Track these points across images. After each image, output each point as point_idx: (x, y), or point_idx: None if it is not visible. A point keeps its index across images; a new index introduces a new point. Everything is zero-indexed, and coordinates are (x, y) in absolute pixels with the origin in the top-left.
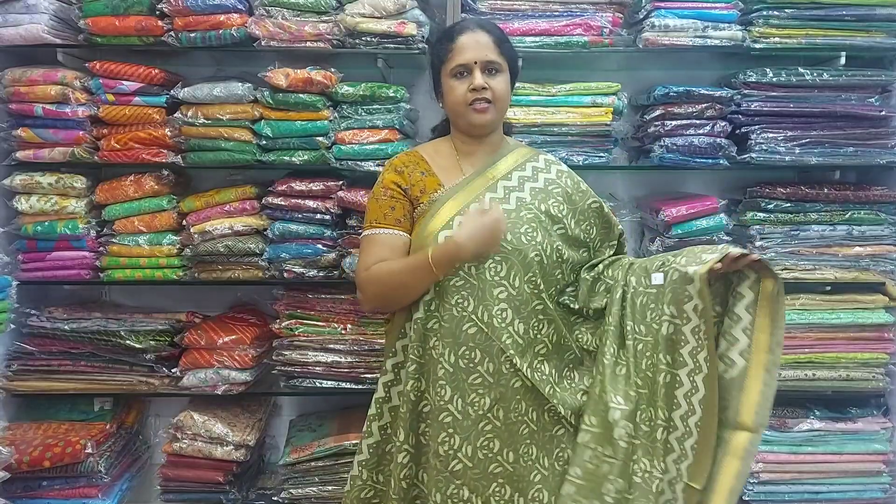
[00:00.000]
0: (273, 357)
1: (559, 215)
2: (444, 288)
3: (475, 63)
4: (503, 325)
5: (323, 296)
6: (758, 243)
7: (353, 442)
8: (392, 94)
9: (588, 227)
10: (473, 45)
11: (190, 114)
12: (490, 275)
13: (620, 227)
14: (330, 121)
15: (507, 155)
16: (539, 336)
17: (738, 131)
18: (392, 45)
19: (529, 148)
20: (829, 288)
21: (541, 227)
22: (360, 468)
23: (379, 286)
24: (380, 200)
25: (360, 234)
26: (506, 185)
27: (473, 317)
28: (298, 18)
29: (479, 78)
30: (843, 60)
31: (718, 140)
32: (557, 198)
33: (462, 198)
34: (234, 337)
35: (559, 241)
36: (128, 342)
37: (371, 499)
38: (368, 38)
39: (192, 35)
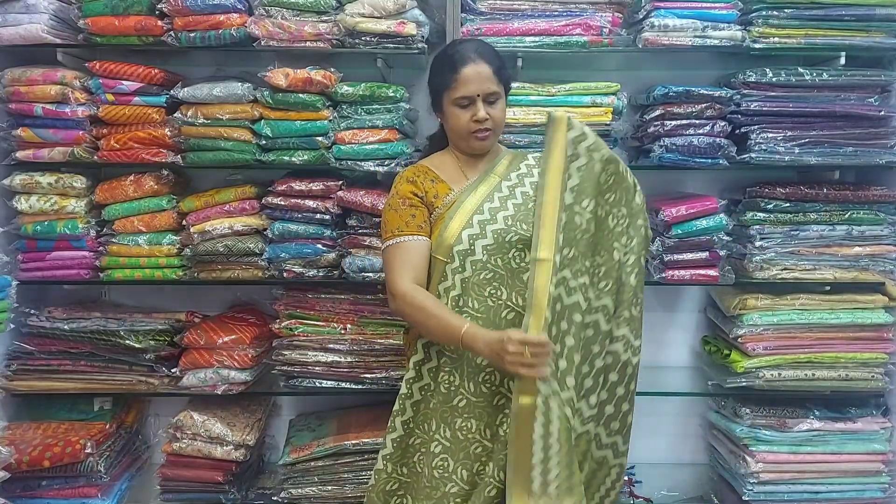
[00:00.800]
0: (273, 357)
1: None
2: (471, 282)
3: (478, 96)
4: None
5: (322, 296)
6: (757, 243)
7: (353, 442)
8: (392, 94)
9: None
10: (476, 79)
11: (189, 114)
12: (515, 262)
13: None
14: (330, 121)
15: (502, 159)
16: None
17: (737, 131)
18: (392, 45)
19: (517, 151)
20: (828, 288)
21: None
22: (385, 462)
23: (410, 312)
24: (399, 210)
25: (383, 245)
26: (508, 184)
27: (509, 303)
28: (298, 18)
29: (482, 110)
30: (842, 60)
31: (718, 140)
32: None
33: (475, 198)
34: (233, 337)
35: None
36: (127, 342)
37: (396, 490)
38: (368, 38)
39: (192, 35)
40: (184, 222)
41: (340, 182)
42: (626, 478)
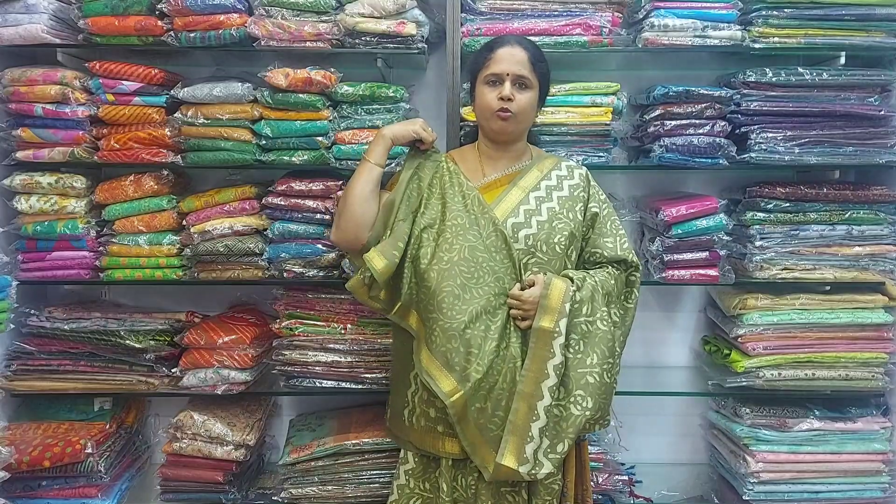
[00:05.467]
0: (273, 357)
1: (580, 217)
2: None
3: (507, 75)
4: None
5: (323, 296)
6: (757, 243)
7: (353, 442)
8: (392, 94)
9: (586, 230)
10: (508, 58)
11: (190, 114)
12: (524, 272)
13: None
14: (330, 121)
15: (533, 167)
16: None
17: (737, 131)
18: (391, 45)
19: (552, 157)
20: (828, 288)
21: (571, 235)
22: (407, 477)
23: (337, 210)
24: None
25: None
26: (537, 196)
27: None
28: (298, 18)
29: (507, 88)
30: (842, 60)
31: (718, 140)
32: (579, 202)
33: (499, 214)
34: (233, 337)
35: (583, 241)
36: (127, 342)
37: None
38: (368, 38)
39: (192, 35)
40: (184, 222)
41: (340, 182)
42: (626, 477)
